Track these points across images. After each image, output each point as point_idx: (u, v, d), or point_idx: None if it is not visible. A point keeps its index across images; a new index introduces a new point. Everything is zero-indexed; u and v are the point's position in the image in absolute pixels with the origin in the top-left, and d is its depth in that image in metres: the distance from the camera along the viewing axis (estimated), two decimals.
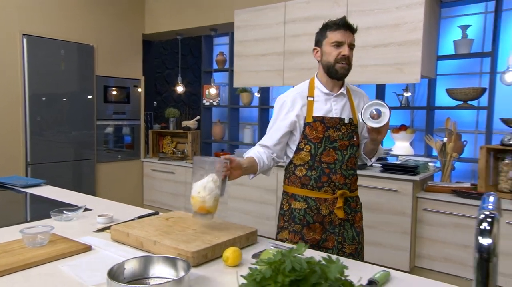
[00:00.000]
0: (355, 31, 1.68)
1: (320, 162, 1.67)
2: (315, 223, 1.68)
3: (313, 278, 0.59)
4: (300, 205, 1.70)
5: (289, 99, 1.72)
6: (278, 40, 3.70)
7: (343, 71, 1.66)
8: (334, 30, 1.66)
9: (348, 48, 1.64)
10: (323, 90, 1.71)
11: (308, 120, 1.68)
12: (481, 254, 0.56)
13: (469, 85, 3.60)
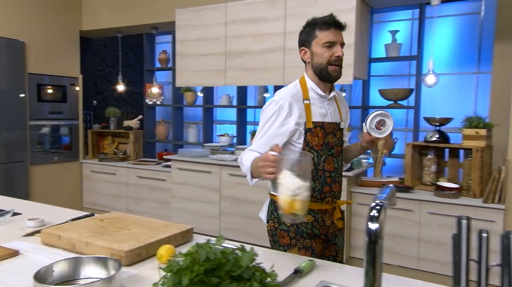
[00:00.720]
0: (344, 29, 1.58)
1: (323, 171, 1.57)
2: (321, 235, 1.60)
3: (227, 266, 0.64)
4: (306, 218, 1.58)
5: (287, 104, 1.53)
6: (220, 40, 3.75)
7: (336, 74, 1.55)
8: (324, 29, 1.54)
9: (340, 48, 1.54)
10: (318, 93, 1.58)
11: (309, 125, 1.54)
12: (370, 237, 0.64)
13: (399, 86, 3.87)
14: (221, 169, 3.62)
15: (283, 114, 1.52)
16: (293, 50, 3.42)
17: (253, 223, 3.49)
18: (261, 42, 3.55)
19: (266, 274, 0.70)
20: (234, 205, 3.58)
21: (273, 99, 1.57)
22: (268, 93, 4.32)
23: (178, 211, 3.90)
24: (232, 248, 0.71)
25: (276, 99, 1.56)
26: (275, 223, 1.61)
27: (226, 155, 3.74)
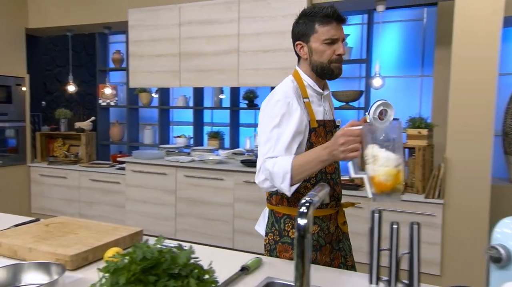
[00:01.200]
0: (345, 22, 1.44)
1: (325, 174, 1.47)
2: (326, 244, 1.48)
3: (164, 264, 0.67)
4: (312, 228, 1.45)
5: (295, 101, 1.39)
6: (174, 41, 3.73)
7: (338, 71, 1.43)
8: (325, 24, 1.39)
9: (343, 46, 1.42)
10: (317, 89, 1.47)
11: (313, 125, 1.42)
12: (299, 232, 0.69)
13: (351, 88, 4.03)
14: (176, 170, 3.60)
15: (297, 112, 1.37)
16: (247, 52, 3.47)
17: (210, 224, 3.50)
18: (216, 43, 3.58)
19: (204, 271, 0.73)
20: (190, 207, 3.58)
21: (278, 99, 1.39)
22: (223, 94, 4.34)
23: (133, 214, 3.83)
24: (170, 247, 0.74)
25: (281, 98, 1.39)
26: (276, 236, 1.47)
27: (182, 157, 3.73)
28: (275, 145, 1.36)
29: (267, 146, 1.38)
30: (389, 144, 1.10)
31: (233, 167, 3.43)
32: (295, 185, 1.32)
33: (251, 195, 3.33)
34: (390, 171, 1.07)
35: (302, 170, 1.29)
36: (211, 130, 4.46)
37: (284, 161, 1.31)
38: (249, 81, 3.50)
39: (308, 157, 1.29)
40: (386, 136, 1.11)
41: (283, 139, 1.35)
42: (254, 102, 4.21)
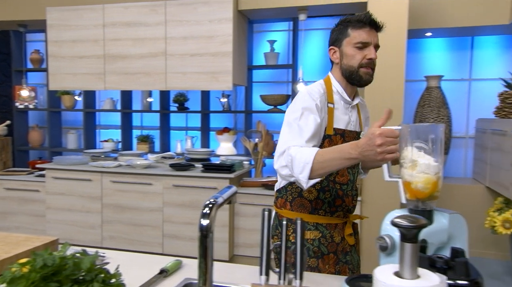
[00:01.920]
0: (381, 30, 1.43)
1: (334, 183, 1.44)
2: (329, 253, 1.44)
3: (66, 270, 0.68)
4: (313, 234, 1.43)
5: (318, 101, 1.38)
6: (98, 43, 3.60)
7: (368, 77, 1.41)
8: (358, 28, 1.39)
9: (374, 51, 1.40)
10: (344, 97, 1.45)
11: (329, 132, 1.40)
12: (201, 232, 0.74)
13: (279, 92, 4.18)
14: (102, 176, 3.48)
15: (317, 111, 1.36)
16: (174, 56, 3.46)
17: (138, 230, 3.43)
18: (142, 46, 3.52)
19: (110, 275, 0.74)
20: (117, 213, 3.47)
21: (303, 95, 1.40)
22: (152, 97, 4.27)
23: (55, 223, 3.62)
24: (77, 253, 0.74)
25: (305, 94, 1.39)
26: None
27: (108, 162, 3.61)
28: (299, 135, 1.33)
29: (290, 135, 1.34)
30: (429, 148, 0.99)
31: (161, 171, 3.39)
32: (313, 179, 1.26)
33: (180, 199, 3.32)
34: (429, 179, 0.98)
35: (324, 165, 1.21)
36: (141, 134, 4.37)
37: (308, 151, 1.25)
38: (177, 85, 3.49)
39: (333, 153, 1.21)
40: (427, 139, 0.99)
41: (305, 131, 1.32)
42: (185, 105, 4.20)
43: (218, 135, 4.04)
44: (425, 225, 0.68)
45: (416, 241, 0.67)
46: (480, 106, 4.06)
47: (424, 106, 4.02)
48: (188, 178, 3.30)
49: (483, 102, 3.99)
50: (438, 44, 4.29)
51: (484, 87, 4.12)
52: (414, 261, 0.67)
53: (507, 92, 3.32)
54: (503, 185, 3.22)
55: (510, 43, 4.09)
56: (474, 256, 3.80)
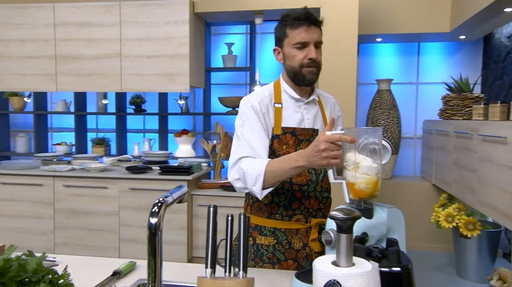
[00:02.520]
0: (320, 24, 1.39)
1: (290, 184, 1.39)
2: (287, 260, 1.40)
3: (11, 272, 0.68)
4: (267, 240, 1.40)
5: (256, 104, 1.38)
6: (49, 42, 3.48)
7: (311, 76, 1.38)
8: (295, 27, 1.35)
9: (314, 49, 1.36)
10: (292, 95, 1.44)
11: (277, 132, 1.39)
12: (150, 230, 0.76)
13: (237, 94, 4.22)
14: (54, 180, 3.37)
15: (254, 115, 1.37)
16: (130, 57, 3.41)
17: (93, 235, 3.34)
18: (97, 47, 3.44)
19: (58, 276, 0.75)
20: (70, 218, 3.37)
21: (243, 101, 1.43)
22: (107, 99, 4.18)
23: (4, 231, 3.45)
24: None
25: (245, 100, 1.42)
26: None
27: (60, 166, 3.49)
28: (246, 144, 1.35)
29: (239, 145, 1.37)
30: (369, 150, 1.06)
31: (118, 174, 3.33)
32: (267, 189, 1.28)
33: (137, 202, 3.27)
34: (371, 179, 1.06)
35: (274, 175, 1.25)
36: (96, 137, 4.25)
37: (259, 163, 1.27)
38: (133, 87, 3.45)
39: (282, 163, 1.24)
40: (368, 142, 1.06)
41: (250, 139, 1.35)
42: (142, 107, 4.14)
43: (176, 137, 4.02)
44: (358, 217, 0.74)
45: (351, 232, 0.73)
46: (427, 108, 4.31)
47: (375, 108, 4.21)
48: (145, 181, 3.26)
49: (430, 105, 4.24)
50: (388, 49, 4.51)
51: (430, 90, 4.38)
52: (349, 250, 0.73)
53: (449, 95, 3.54)
54: (447, 182, 3.44)
55: (451, 49, 4.37)
56: (421, 250, 4.02)
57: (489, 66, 4.08)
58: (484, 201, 2.66)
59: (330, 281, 0.69)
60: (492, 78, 3.98)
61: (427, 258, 3.82)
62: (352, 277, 0.69)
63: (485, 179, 2.64)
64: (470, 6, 3.29)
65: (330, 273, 0.71)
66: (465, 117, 3.33)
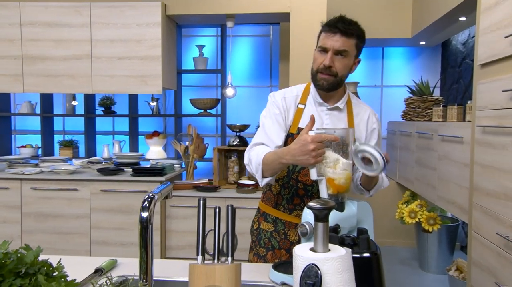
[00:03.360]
0: (348, 34, 1.37)
1: (296, 181, 1.45)
2: (281, 249, 1.47)
3: (10, 265, 0.71)
4: (267, 226, 1.51)
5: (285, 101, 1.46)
6: (14, 42, 3.40)
7: (323, 83, 1.40)
8: (325, 31, 1.39)
9: (330, 57, 1.36)
10: (316, 99, 1.47)
11: (293, 130, 1.44)
12: (142, 224, 0.81)
13: (208, 96, 4.26)
14: (21, 183, 3.28)
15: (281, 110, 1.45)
16: (100, 58, 3.38)
17: (63, 238, 3.29)
18: (66, 48, 3.39)
19: (53, 268, 0.78)
20: (39, 222, 3.30)
21: (273, 94, 1.51)
22: (76, 101, 4.11)
23: None
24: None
25: (276, 94, 1.50)
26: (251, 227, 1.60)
27: (28, 168, 3.41)
28: (264, 133, 1.44)
29: (258, 132, 1.47)
30: (344, 149, 1.16)
31: (88, 176, 3.29)
32: (267, 178, 1.35)
33: (109, 204, 3.25)
34: (349, 175, 1.16)
35: (268, 167, 1.33)
36: (64, 139, 4.17)
37: (261, 152, 1.35)
38: (104, 88, 3.42)
39: (273, 156, 1.30)
40: (343, 142, 1.16)
41: (267, 130, 1.43)
42: (112, 109, 4.10)
43: (147, 139, 4.02)
44: (333, 207, 0.82)
45: (327, 220, 0.81)
46: (392, 110, 4.51)
47: None
48: (117, 182, 3.24)
49: (394, 107, 4.45)
50: None
51: (394, 93, 4.60)
52: (325, 238, 0.81)
53: (411, 97, 3.74)
54: (410, 180, 3.63)
55: (413, 54, 4.61)
56: (387, 245, 4.22)
57: (447, 71, 4.33)
58: (443, 197, 2.84)
59: (309, 265, 0.77)
60: (450, 82, 4.24)
61: (392, 253, 4.01)
62: (328, 261, 0.77)
63: (444, 176, 2.82)
64: (429, 14, 3.51)
65: (308, 257, 0.78)
66: (426, 119, 3.53)
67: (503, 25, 1.93)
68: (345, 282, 0.78)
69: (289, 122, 1.45)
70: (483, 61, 2.16)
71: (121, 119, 4.27)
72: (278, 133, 1.43)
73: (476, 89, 2.24)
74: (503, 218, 1.89)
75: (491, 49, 2.07)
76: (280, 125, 1.44)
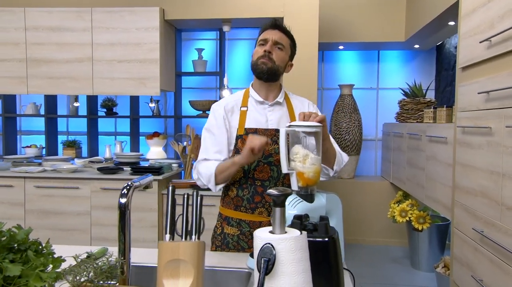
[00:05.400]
0: (284, 30, 1.57)
1: (253, 179, 1.52)
2: (250, 248, 1.51)
3: (3, 241, 0.81)
4: (233, 230, 1.55)
5: (222, 108, 1.56)
6: (19, 46, 3.54)
7: (263, 67, 1.52)
8: (263, 31, 1.57)
9: (270, 44, 1.52)
10: (256, 99, 1.58)
11: (240, 132, 1.53)
12: (120, 209, 0.92)
13: (208, 98, 4.38)
14: (25, 181, 3.42)
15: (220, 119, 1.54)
16: (101, 61, 3.52)
17: (65, 235, 3.41)
18: (68, 51, 3.53)
19: (42, 246, 0.89)
20: (41, 219, 3.42)
21: (214, 104, 1.61)
22: (78, 102, 4.24)
23: None
24: None
25: (214, 105, 1.60)
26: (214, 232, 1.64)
27: (31, 167, 3.54)
28: (204, 149, 1.56)
29: (201, 150, 1.57)
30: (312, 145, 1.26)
31: (89, 175, 3.42)
32: (220, 184, 1.51)
33: (109, 202, 3.37)
34: (317, 169, 1.25)
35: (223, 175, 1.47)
36: (67, 139, 4.31)
37: (211, 165, 1.50)
38: (104, 90, 3.55)
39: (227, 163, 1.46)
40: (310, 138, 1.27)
41: (207, 145, 1.55)
42: (114, 110, 4.23)
43: (148, 139, 4.13)
44: (290, 193, 0.92)
45: (283, 206, 0.91)
46: (387, 112, 4.59)
47: (338, 112, 4.47)
48: (116, 181, 3.36)
49: (389, 109, 4.53)
50: (350, 56, 4.79)
51: (389, 95, 4.68)
52: (282, 221, 0.91)
53: (405, 100, 3.83)
54: (402, 180, 3.71)
55: (408, 57, 4.70)
56: (380, 244, 4.29)
57: (441, 73, 4.42)
58: (431, 196, 2.93)
59: (265, 244, 0.87)
60: (444, 84, 4.32)
61: (385, 252, 4.10)
62: (283, 241, 0.87)
63: (431, 176, 2.91)
64: (420, 18, 3.60)
65: (265, 238, 0.88)
66: (418, 120, 3.61)
67: (479, 31, 2.02)
68: (298, 260, 0.88)
69: (236, 125, 1.56)
70: (463, 65, 2.26)
71: (123, 120, 4.40)
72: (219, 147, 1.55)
73: (457, 91, 2.33)
74: (479, 214, 1.98)
75: (470, 53, 2.16)
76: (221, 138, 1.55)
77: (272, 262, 0.85)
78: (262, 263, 0.85)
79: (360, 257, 3.92)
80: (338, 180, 4.44)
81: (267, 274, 0.85)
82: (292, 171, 1.27)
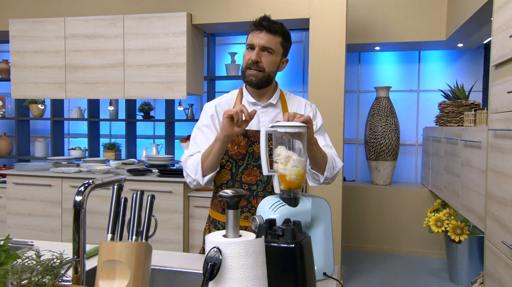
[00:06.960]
0: (272, 29, 1.42)
1: (240, 183, 1.46)
2: None
3: None
4: None
5: (213, 108, 1.51)
6: (59, 53, 3.77)
7: (251, 79, 1.43)
8: (251, 31, 1.46)
9: (257, 52, 1.41)
10: (249, 100, 1.50)
11: None
12: (75, 208, 0.91)
13: None
14: (62, 181, 3.61)
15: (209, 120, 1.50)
16: (132, 66, 3.64)
17: (96, 233, 3.54)
18: (102, 57, 3.69)
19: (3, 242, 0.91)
20: None
21: (205, 105, 1.56)
22: (112, 106, 4.40)
23: (16, 228, 3.72)
24: None
25: (207, 105, 1.55)
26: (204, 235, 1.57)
27: (68, 168, 3.73)
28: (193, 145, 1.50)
29: (190, 146, 1.52)
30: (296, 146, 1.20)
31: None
32: (207, 176, 1.41)
33: None
34: (300, 171, 1.17)
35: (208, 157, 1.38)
36: (108, 142, 4.50)
37: (197, 155, 1.43)
38: (134, 94, 3.68)
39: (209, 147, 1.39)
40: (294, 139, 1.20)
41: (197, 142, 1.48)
42: (151, 114, 4.36)
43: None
44: (243, 195, 0.87)
45: (237, 208, 0.86)
46: (429, 115, 4.31)
47: (373, 115, 4.27)
48: (144, 182, 3.45)
49: (431, 112, 4.26)
50: (388, 57, 4.58)
51: (431, 97, 4.41)
52: (235, 224, 0.86)
53: (445, 102, 3.58)
54: (439, 188, 3.46)
55: (452, 57, 4.40)
56: (418, 255, 4.03)
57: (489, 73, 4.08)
58: (466, 205, 2.69)
59: (213, 248, 0.82)
60: None
61: (422, 263, 3.83)
62: (231, 245, 0.82)
63: (466, 183, 2.68)
64: (460, 15, 3.35)
65: (214, 241, 0.84)
66: (459, 124, 3.36)
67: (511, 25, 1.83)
68: (249, 265, 0.82)
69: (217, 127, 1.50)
70: (496, 62, 2.06)
71: (161, 124, 4.52)
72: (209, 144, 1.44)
73: (490, 91, 2.13)
74: (510, 225, 1.78)
75: (502, 49, 1.97)
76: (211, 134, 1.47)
77: (218, 267, 0.80)
78: (208, 267, 0.81)
79: (395, 267, 3.70)
80: (373, 186, 4.24)
81: (211, 280, 0.80)
82: (274, 173, 1.21)
